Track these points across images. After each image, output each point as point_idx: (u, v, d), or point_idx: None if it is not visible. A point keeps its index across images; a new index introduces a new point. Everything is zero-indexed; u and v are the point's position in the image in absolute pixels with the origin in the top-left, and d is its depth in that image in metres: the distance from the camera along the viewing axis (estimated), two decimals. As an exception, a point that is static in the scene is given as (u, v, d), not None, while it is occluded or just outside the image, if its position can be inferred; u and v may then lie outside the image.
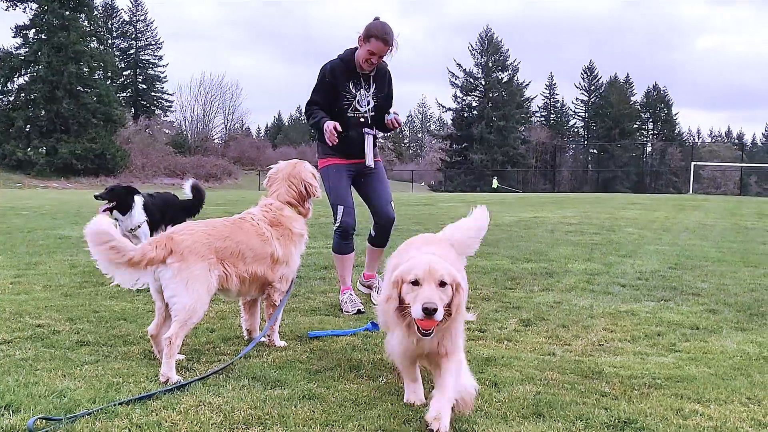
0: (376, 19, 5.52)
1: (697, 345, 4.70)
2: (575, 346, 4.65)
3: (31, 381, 3.54)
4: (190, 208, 8.12)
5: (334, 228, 5.78)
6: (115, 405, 3.19)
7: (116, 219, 7.02)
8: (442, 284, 3.05)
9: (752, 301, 6.24)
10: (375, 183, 5.89)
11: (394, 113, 5.74)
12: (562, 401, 3.46)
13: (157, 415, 3.13)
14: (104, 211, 6.90)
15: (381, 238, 5.95)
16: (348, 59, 5.66)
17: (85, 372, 3.76)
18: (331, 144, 5.48)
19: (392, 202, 5.93)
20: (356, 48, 5.62)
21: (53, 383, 3.52)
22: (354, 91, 5.68)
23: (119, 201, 6.99)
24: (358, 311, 5.60)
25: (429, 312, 2.91)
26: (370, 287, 6.18)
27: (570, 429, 3.12)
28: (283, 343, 4.52)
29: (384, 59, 5.61)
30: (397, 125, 5.77)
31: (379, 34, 5.41)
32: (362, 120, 5.73)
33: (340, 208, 5.71)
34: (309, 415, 3.17)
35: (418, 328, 3.02)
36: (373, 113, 5.77)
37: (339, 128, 5.45)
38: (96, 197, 7.13)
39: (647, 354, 4.48)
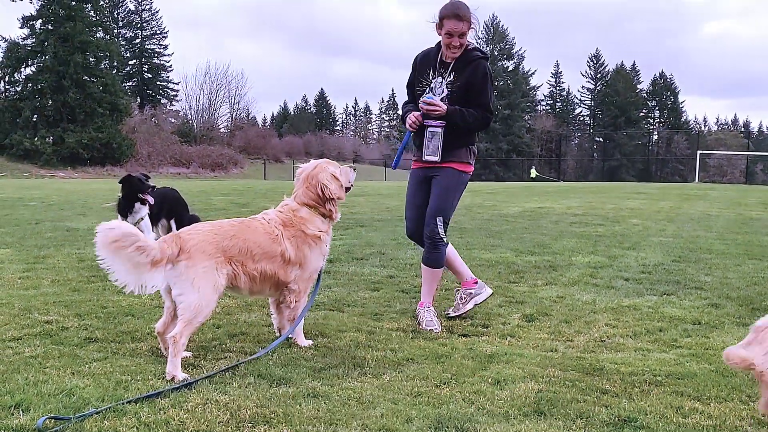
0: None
1: (699, 341, 4.73)
2: (577, 342, 4.69)
3: (41, 379, 3.59)
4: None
5: None
6: (123, 403, 3.24)
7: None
8: None
9: (755, 295, 6.26)
10: (433, 187, 5.23)
11: (426, 99, 5.02)
12: (563, 399, 3.50)
13: (164, 413, 3.18)
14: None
15: (426, 253, 5.26)
16: (436, 47, 5.22)
17: (94, 369, 3.81)
18: (410, 129, 5.13)
19: (440, 217, 5.14)
20: None
21: (62, 381, 3.57)
22: (431, 78, 5.19)
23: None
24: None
25: None
26: (420, 322, 5.07)
27: (570, 427, 3.16)
28: (308, 342, 4.50)
29: (469, 39, 5.07)
30: (430, 109, 5.02)
31: (449, 13, 4.94)
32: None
33: (406, 216, 5.52)
34: (313, 414, 3.22)
35: None
36: (447, 102, 5.09)
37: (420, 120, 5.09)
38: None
39: (648, 350, 4.51)
